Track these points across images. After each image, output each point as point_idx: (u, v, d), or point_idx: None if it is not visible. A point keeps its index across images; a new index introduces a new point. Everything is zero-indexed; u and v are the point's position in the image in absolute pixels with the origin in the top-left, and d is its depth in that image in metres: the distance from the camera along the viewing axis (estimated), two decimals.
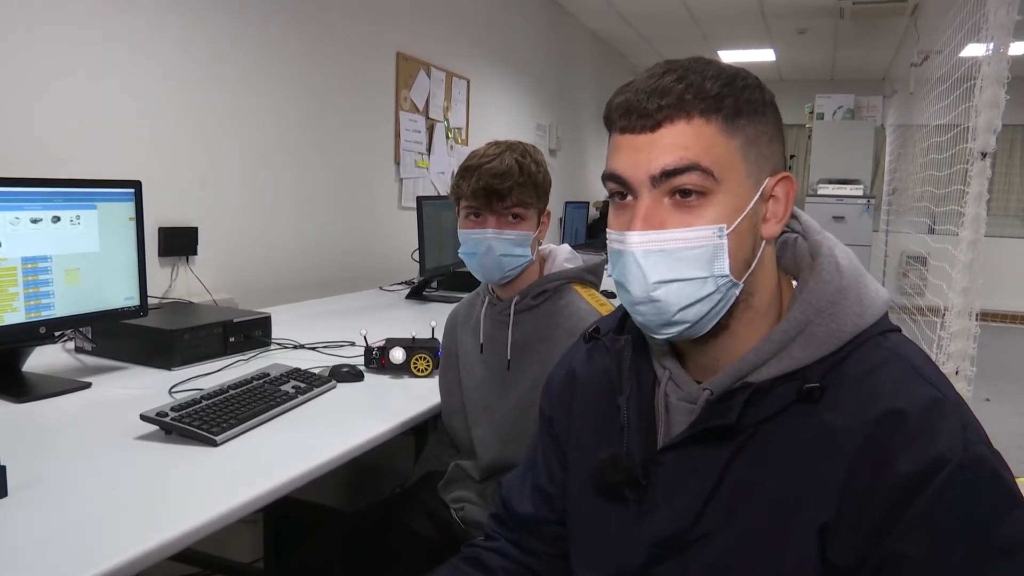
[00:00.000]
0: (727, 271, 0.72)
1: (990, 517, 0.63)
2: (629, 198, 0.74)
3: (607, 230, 0.77)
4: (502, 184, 1.34)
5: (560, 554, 0.94)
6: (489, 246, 1.37)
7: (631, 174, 0.72)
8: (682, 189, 0.71)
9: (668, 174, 0.70)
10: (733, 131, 0.71)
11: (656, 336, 0.76)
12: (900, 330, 0.76)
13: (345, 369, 1.66)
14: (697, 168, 0.70)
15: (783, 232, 0.81)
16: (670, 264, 0.71)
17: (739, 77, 0.73)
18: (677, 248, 0.71)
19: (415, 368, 1.70)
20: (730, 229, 0.71)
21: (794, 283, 0.79)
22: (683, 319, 0.73)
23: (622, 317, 0.90)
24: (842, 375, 0.71)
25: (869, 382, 0.70)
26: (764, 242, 0.75)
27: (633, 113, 0.72)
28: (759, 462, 0.72)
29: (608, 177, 0.75)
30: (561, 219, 5.42)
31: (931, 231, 4.49)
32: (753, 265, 0.74)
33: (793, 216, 0.81)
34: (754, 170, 0.73)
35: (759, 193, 0.73)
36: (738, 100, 0.71)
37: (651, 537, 0.77)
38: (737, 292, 0.73)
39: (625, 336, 0.86)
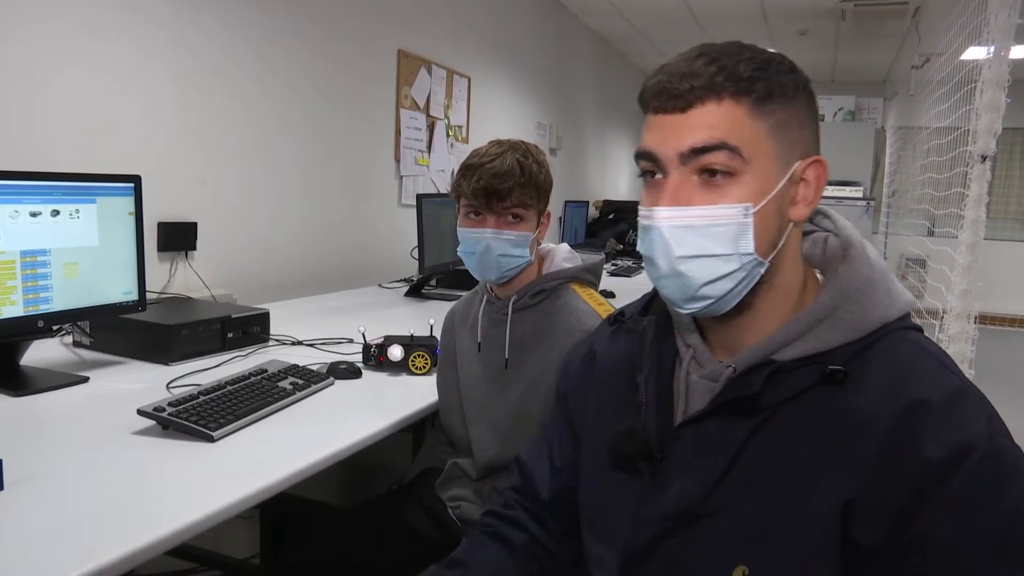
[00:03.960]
0: (751, 249, 0.73)
1: (1015, 509, 0.65)
2: (659, 176, 0.76)
3: (639, 207, 0.78)
4: (502, 184, 1.34)
5: (571, 533, 0.96)
6: (487, 245, 1.37)
7: (661, 152, 0.74)
8: (710, 168, 0.73)
9: (696, 152, 0.72)
10: (763, 114, 0.73)
11: (681, 310, 0.78)
12: (923, 331, 0.77)
13: (343, 366, 1.66)
14: (725, 147, 0.72)
15: (814, 231, 0.83)
16: (696, 240, 0.73)
17: (774, 61, 0.74)
18: (703, 224, 0.73)
19: (413, 366, 1.70)
20: (756, 208, 0.73)
21: (820, 277, 0.81)
22: (707, 294, 0.74)
23: (648, 301, 0.92)
24: (868, 361, 0.72)
25: (896, 371, 0.71)
26: (791, 224, 0.76)
27: (664, 94, 0.74)
28: (778, 440, 0.73)
29: (640, 155, 0.77)
30: (561, 218, 5.42)
31: (930, 233, 4.49)
32: (779, 246, 0.76)
33: (825, 215, 0.83)
34: (783, 152, 0.74)
35: (788, 175, 0.75)
36: (770, 84, 0.73)
37: (663, 510, 0.79)
38: (762, 271, 0.75)
39: (649, 317, 0.88)
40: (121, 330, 1.71)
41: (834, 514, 0.69)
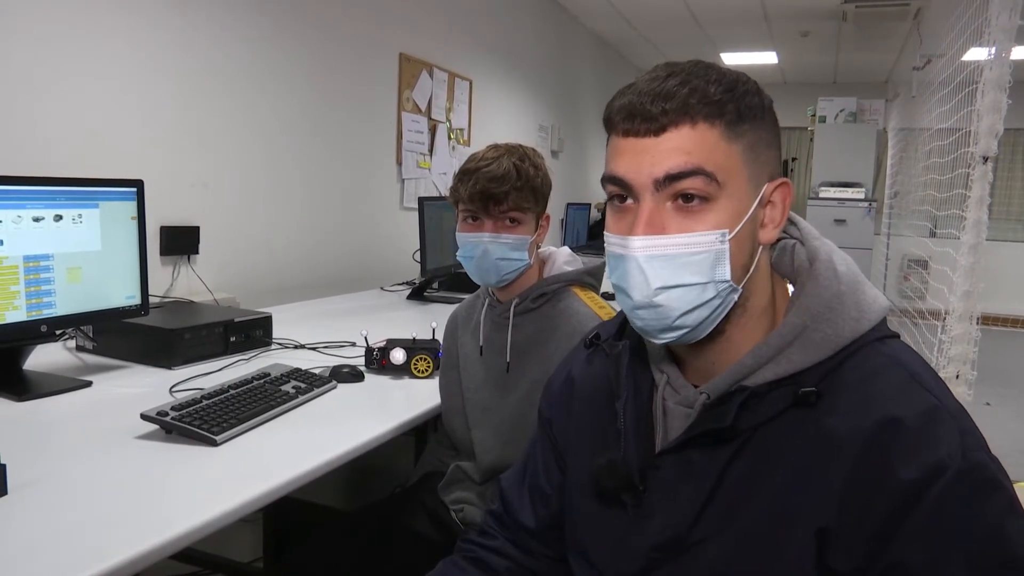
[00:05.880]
0: (728, 277, 0.71)
1: (991, 525, 0.63)
2: (629, 201, 0.73)
3: (605, 233, 0.76)
4: (499, 188, 1.34)
5: (559, 557, 0.94)
6: (485, 249, 1.37)
7: (633, 177, 0.71)
8: (685, 194, 0.70)
9: (672, 178, 0.70)
10: (735, 136, 0.71)
11: (655, 340, 0.76)
12: (899, 336, 0.76)
13: (345, 369, 1.67)
14: (701, 173, 0.69)
15: (782, 238, 0.81)
16: (673, 270, 0.71)
17: (740, 82, 0.73)
18: (680, 253, 0.70)
19: (415, 369, 1.70)
20: (732, 235, 0.71)
21: (790, 288, 0.80)
22: (683, 324, 0.72)
23: (622, 323, 0.90)
24: (839, 380, 0.71)
25: (867, 388, 0.69)
26: (760, 247, 0.75)
27: (637, 116, 0.71)
28: (756, 466, 0.72)
29: (609, 180, 0.74)
30: (563, 221, 5.42)
31: (932, 235, 4.49)
32: (751, 270, 0.74)
33: (792, 222, 0.81)
34: (754, 175, 0.73)
35: (758, 198, 0.73)
36: (739, 106, 0.71)
37: (649, 541, 0.78)
38: (735, 297, 0.73)
39: (623, 341, 0.86)
40: (124, 334, 1.71)
41: (809, 541, 0.67)
